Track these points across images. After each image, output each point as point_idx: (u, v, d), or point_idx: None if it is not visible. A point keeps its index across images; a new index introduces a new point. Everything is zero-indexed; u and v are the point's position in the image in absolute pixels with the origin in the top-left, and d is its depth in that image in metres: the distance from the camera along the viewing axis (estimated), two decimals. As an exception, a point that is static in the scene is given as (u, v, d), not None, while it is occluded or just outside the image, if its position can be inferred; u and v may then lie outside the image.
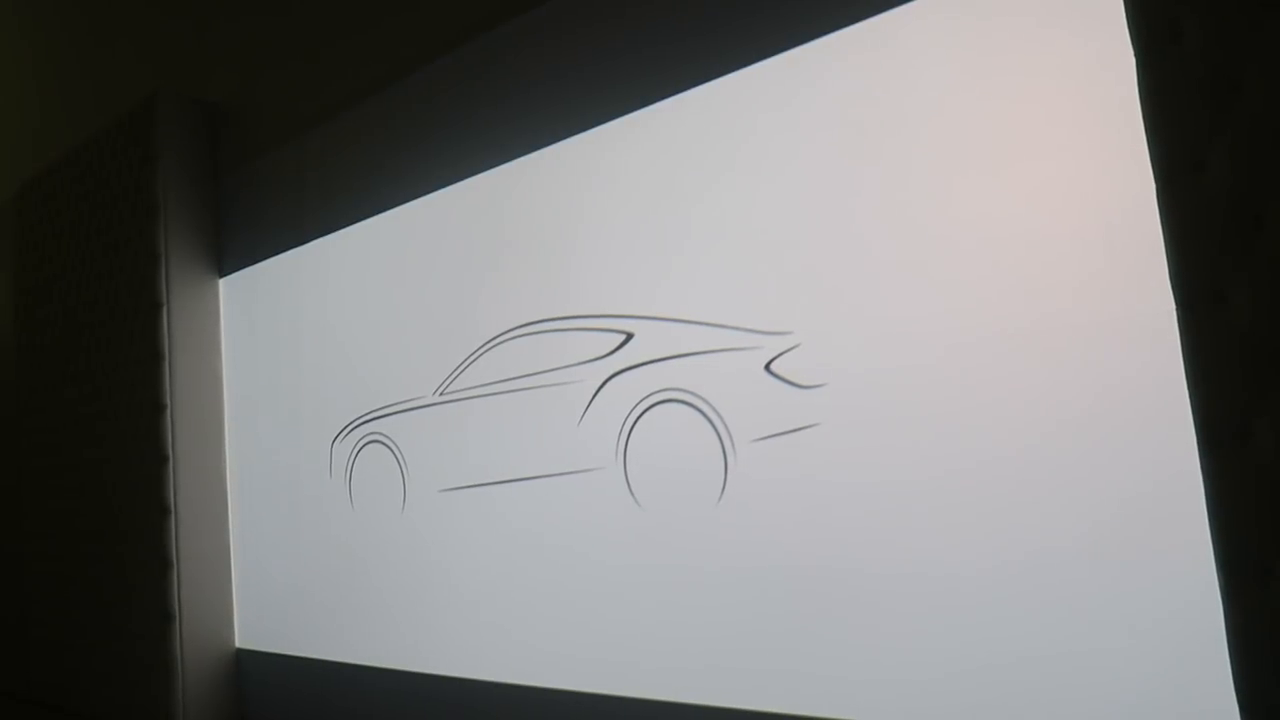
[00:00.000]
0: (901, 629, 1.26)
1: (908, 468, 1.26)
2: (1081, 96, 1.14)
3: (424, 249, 1.98)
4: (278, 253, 2.37)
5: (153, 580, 2.37)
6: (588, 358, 1.63)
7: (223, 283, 2.55)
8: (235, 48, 2.58)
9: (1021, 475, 1.16)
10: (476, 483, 1.82)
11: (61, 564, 2.83)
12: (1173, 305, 1.00)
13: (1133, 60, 1.04)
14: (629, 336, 1.57)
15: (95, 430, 2.67)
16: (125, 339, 2.55)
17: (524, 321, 1.74)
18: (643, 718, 1.52)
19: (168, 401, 2.40)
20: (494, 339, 1.79)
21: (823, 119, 1.38)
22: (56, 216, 2.94)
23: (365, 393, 2.09)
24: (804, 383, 1.36)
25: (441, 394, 1.90)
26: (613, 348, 1.59)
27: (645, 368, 1.55)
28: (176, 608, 2.33)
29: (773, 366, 1.39)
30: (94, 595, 2.65)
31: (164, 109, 2.53)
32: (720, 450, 1.45)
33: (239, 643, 2.43)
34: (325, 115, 2.24)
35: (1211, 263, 0.96)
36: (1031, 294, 1.17)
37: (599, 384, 1.61)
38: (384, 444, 2.02)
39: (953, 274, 1.24)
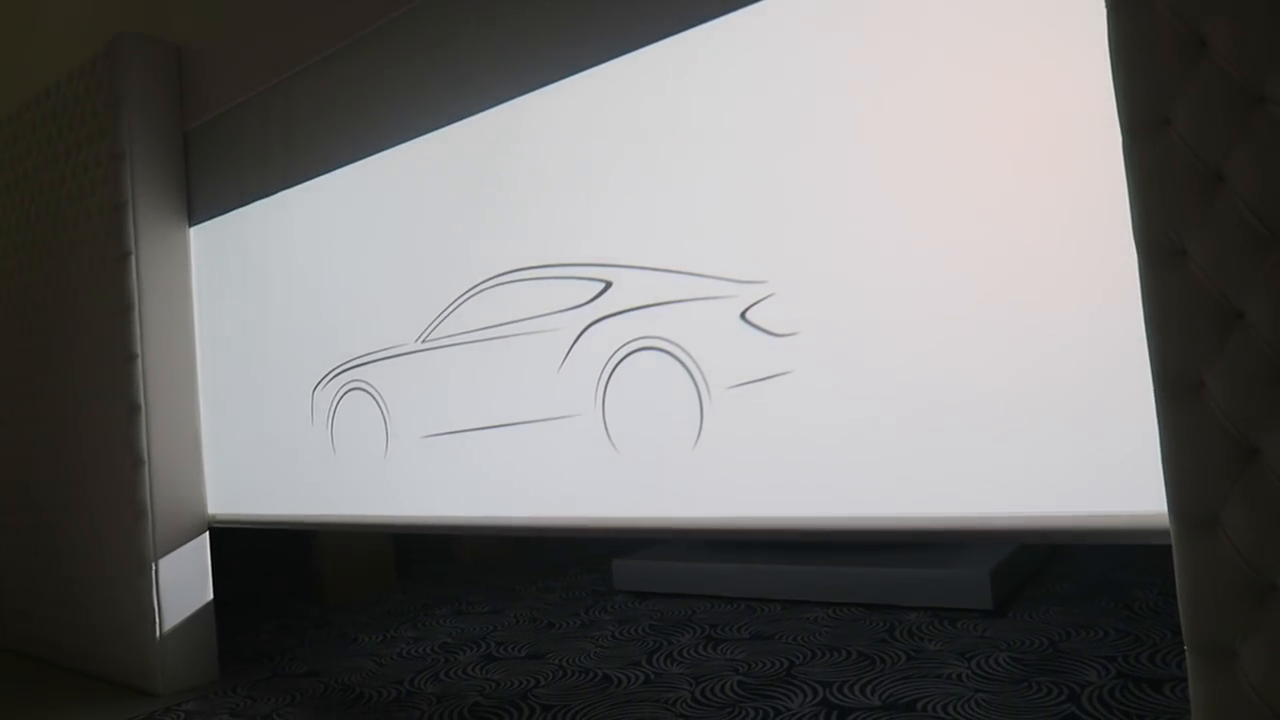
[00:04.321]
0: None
1: (878, 413, 1.30)
2: (1052, 52, 1.17)
3: (403, 198, 1.97)
4: (251, 201, 2.35)
5: (126, 530, 2.38)
6: (567, 305, 1.64)
7: (193, 231, 2.52)
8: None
9: (989, 417, 1.21)
10: (458, 429, 1.84)
11: (32, 514, 2.82)
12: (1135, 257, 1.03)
13: (1104, 14, 1.06)
14: (608, 285, 1.59)
15: (65, 381, 2.64)
16: (93, 288, 2.52)
17: (504, 270, 1.75)
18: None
19: (139, 350, 2.39)
20: (475, 287, 1.80)
21: (803, 75, 1.39)
22: (16, 164, 2.88)
23: (346, 340, 2.09)
24: (778, 331, 1.39)
25: (423, 341, 1.90)
26: (592, 296, 1.61)
27: (623, 315, 1.57)
28: (152, 556, 2.34)
29: (748, 315, 1.42)
30: (67, 545, 2.65)
31: (128, 52, 2.47)
32: (696, 397, 1.48)
33: (213, 589, 2.45)
34: (296, 60, 2.21)
35: (1174, 217, 0.98)
36: (1001, 244, 1.20)
37: (578, 332, 1.63)
38: (366, 391, 2.03)
39: (922, 224, 1.26)
